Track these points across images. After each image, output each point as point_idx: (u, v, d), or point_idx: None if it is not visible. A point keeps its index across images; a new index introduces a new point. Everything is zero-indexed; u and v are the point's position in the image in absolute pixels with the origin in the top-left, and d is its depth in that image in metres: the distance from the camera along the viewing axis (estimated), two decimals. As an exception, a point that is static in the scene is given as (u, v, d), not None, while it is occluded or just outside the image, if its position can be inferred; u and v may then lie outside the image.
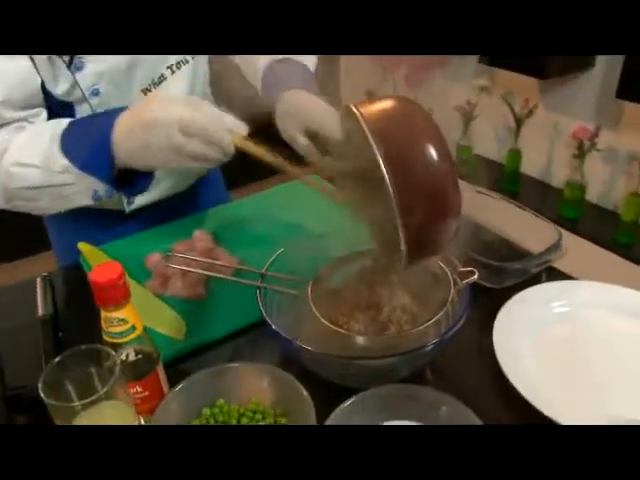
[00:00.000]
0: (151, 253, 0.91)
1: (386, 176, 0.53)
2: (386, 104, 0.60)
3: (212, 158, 0.70)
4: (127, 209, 1.02)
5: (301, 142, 0.77)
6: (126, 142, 0.71)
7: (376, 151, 0.53)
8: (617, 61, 1.76)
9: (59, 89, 0.85)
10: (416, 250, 0.58)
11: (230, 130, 0.70)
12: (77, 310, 0.86)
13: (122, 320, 0.56)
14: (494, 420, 0.57)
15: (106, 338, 0.57)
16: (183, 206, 1.11)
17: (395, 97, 0.61)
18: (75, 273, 0.93)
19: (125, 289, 0.56)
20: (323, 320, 0.68)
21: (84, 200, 0.79)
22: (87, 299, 0.82)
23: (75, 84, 0.85)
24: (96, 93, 0.88)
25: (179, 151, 0.68)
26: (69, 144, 0.75)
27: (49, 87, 0.84)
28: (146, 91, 0.94)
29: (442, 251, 0.64)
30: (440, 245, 0.61)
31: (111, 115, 0.73)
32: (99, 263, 0.58)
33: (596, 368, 0.73)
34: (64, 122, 0.78)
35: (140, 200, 1.02)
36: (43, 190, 0.78)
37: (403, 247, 0.56)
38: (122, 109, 0.74)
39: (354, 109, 0.58)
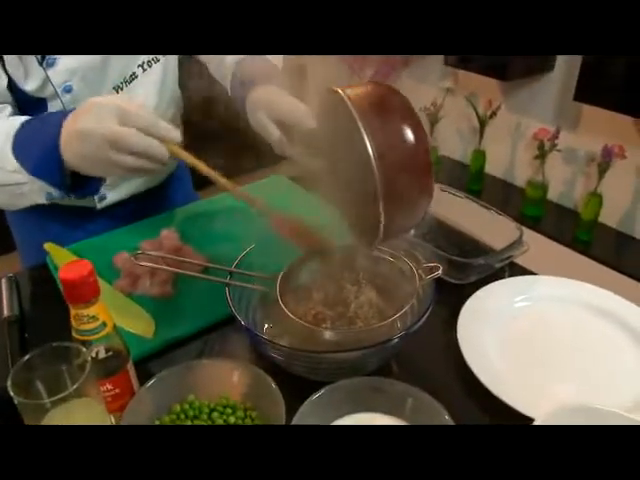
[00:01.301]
0: (119, 252, 0.91)
1: (369, 149, 0.55)
2: (368, 87, 0.62)
3: (148, 168, 0.69)
4: (98, 206, 1.01)
5: (274, 133, 0.77)
6: (66, 151, 0.70)
7: (360, 125, 0.55)
8: (575, 65, 1.82)
9: (30, 85, 0.84)
10: (392, 226, 0.60)
11: (164, 138, 0.69)
12: (43, 311, 0.86)
13: (92, 317, 0.56)
14: (459, 410, 0.59)
15: (76, 336, 0.57)
16: (152, 204, 1.11)
17: (376, 82, 0.63)
18: (41, 273, 0.93)
19: (95, 286, 0.56)
20: (292, 316, 0.69)
21: (39, 199, 0.78)
22: (53, 299, 0.82)
23: (47, 80, 0.85)
24: (68, 90, 0.87)
25: (113, 164, 0.68)
26: (20, 147, 0.74)
27: (19, 84, 0.83)
28: (118, 89, 0.94)
29: (413, 227, 0.66)
30: (414, 222, 0.64)
31: (58, 118, 0.71)
32: (65, 263, 0.58)
33: (555, 359, 0.75)
34: (18, 121, 0.76)
35: (111, 197, 1.02)
36: (2, 188, 0.77)
37: (382, 220, 0.57)
38: (69, 112, 0.72)
39: (339, 90, 0.60)
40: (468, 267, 0.87)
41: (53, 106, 0.89)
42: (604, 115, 1.78)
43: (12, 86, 0.84)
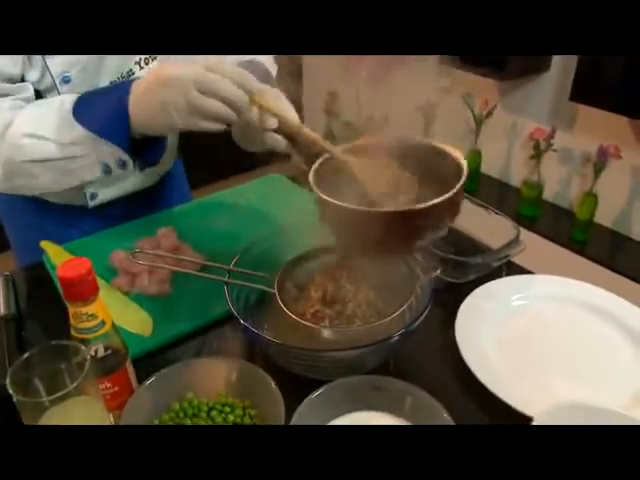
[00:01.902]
0: (115, 251, 0.90)
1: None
2: None
3: (227, 118, 0.69)
4: (90, 204, 1.01)
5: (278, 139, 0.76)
6: (144, 100, 0.71)
7: None
8: (570, 65, 1.82)
9: (30, 75, 0.84)
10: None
11: (248, 90, 0.69)
12: (40, 309, 0.85)
13: (91, 315, 0.56)
14: (457, 409, 0.59)
15: (75, 334, 0.57)
16: (146, 203, 1.11)
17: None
18: (37, 272, 0.92)
19: (94, 284, 0.56)
20: (291, 314, 0.69)
21: (89, 175, 0.79)
22: (50, 298, 0.82)
23: (46, 70, 0.84)
24: (67, 81, 0.87)
25: (194, 109, 0.68)
26: (83, 113, 0.75)
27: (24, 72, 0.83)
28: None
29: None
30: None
31: (125, 83, 0.74)
32: (63, 261, 0.57)
33: (552, 357, 0.76)
34: (73, 95, 0.77)
35: (103, 196, 1.02)
36: (50, 164, 0.77)
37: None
38: (134, 80, 0.74)
39: None
40: (465, 266, 0.87)
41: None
42: (600, 115, 1.79)
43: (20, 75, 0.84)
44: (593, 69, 1.73)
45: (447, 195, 0.62)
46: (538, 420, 0.55)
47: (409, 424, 0.61)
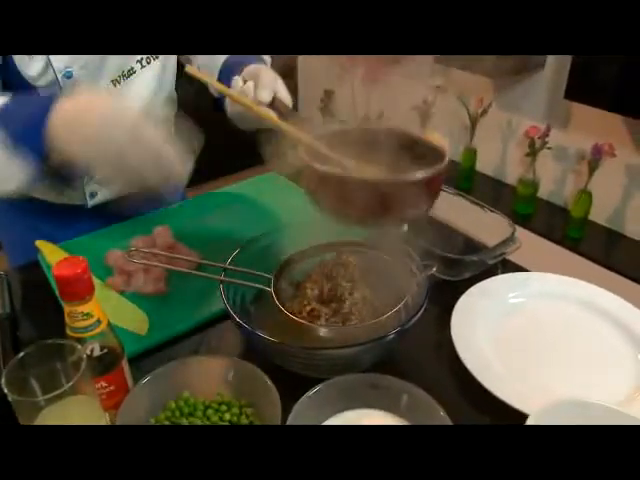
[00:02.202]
0: (111, 250, 0.90)
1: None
2: None
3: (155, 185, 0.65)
4: (89, 204, 1.01)
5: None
6: (69, 128, 0.64)
7: None
8: (565, 63, 1.83)
9: (31, 70, 0.83)
10: None
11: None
12: (35, 309, 0.85)
13: (87, 314, 0.56)
14: (453, 406, 0.59)
15: (70, 333, 0.57)
16: (141, 203, 1.10)
17: None
18: (32, 271, 0.92)
19: (90, 283, 0.56)
20: (287, 312, 0.69)
21: (11, 184, 0.70)
22: (45, 297, 0.82)
23: (48, 64, 0.84)
24: (69, 76, 0.86)
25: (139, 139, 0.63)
26: (5, 115, 0.68)
27: (21, 68, 0.82)
28: (115, 82, 0.93)
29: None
30: None
31: (50, 98, 0.66)
32: (58, 260, 0.57)
33: (548, 354, 0.76)
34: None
35: (102, 195, 1.02)
36: None
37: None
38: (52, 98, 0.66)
39: None
40: (461, 264, 0.87)
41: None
42: (594, 113, 1.79)
43: (9, 70, 0.82)
44: (588, 67, 1.74)
45: (422, 174, 0.64)
46: (533, 417, 0.55)
47: (405, 422, 0.61)
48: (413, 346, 0.75)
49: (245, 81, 0.78)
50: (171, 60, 1.03)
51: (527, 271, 0.92)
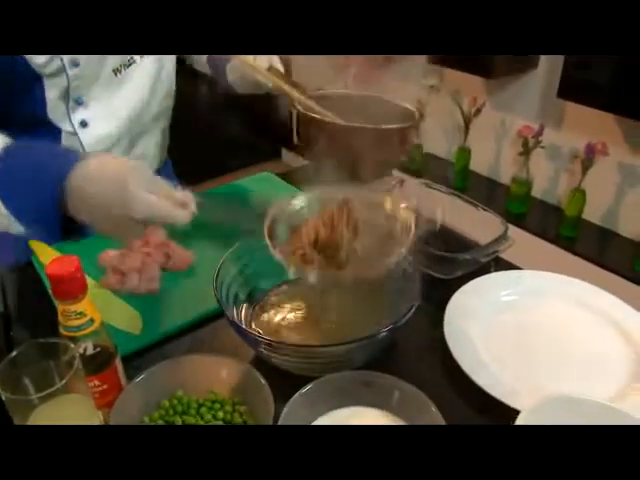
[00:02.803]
0: (104, 250, 0.90)
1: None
2: None
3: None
4: None
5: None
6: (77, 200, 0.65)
7: None
8: (558, 63, 1.83)
9: (40, 58, 0.81)
10: None
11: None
12: (28, 308, 0.85)
13: (80, 313, 0.56)
14: (446, 403, 0.60)
15: (63, 332, 0.57)
16: None
17: None
18: (26, 271, 0.92)
19: (83, 282, 0.56)
20: (276, 252, 0.67)
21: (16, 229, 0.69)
22: (38, 297, 0.82)
23: None
24: (76, 64, 0.85)
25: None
26: (7, 190, 0.65)
27: (28, 56, 0.80)
28: (117, 72, 0.93)
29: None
30: None
31: (65, 162, 0.65)
32: (52, 259, 0.57)
33: (540, 351, 0.76)
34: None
35: None
36: None
37: None
38: (71, 157, 0.65)
39: None
40: (454, 262, 0.88)
41: (51, 84, 0.85)
42: (587, 112, 1.80)
43: (16, 59, 0.80)
44: (581, 67, 1.75)
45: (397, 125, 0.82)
46: (525, 414, 0.55)
47: (397, 418, 0.61)
48: (406, 344, 0.76)
49: None
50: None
51: (520, 269, 0.93)
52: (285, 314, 0.78)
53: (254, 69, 0.91)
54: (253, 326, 0.76)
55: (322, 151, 0.76)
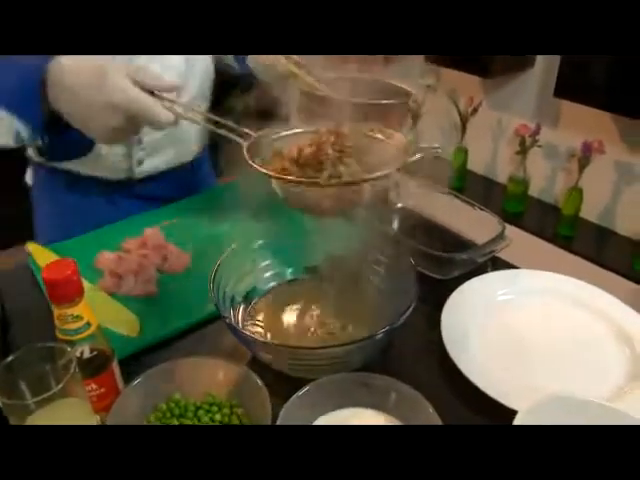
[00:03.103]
0: (100, 252, 0.90)
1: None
2: None
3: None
4: (136, 172, 1.04)
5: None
6: (71, 97, 0.66)
7: None
8: (554, 62, 1.84)
9: None
10: None
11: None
12: (25, 312, 0.85)
13: (77, 317, 0.56)
14: (443, 403, 0.60)
15: (60, 336, 0.57)
16: (178, 185, 1.13)
17: None
18: (21, 274, 0.92)
19: (79, 285, 0.56)
20: (255, 165, 0.64)
21: (4, 140, 0.73)
22: (35, 300, 0.82)
23: None
24: None
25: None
26: None
27: None
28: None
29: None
30: None
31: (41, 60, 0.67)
32: (48, 263, 0.57)
33: (538, 351, 0.76)
34: None
35: (151, 163, 1.05)
36: None
37: None
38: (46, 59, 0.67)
39: None
40: (451, 262, 0.88)
41: None
42: (584, 111, 1.81)
43: None
44: (577, 66, 1.75)
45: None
46: (522, 414, 0.56)
47: (395, 419, 0.61)
48: (404, 345, 0.76)
49: None
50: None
51: (517, 268, 0.93)
52: (282, 315, 0.78)
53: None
54: (250, 328, 0.76)
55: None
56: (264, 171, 0.63)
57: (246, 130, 0.70)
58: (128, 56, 0.91)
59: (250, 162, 0.64)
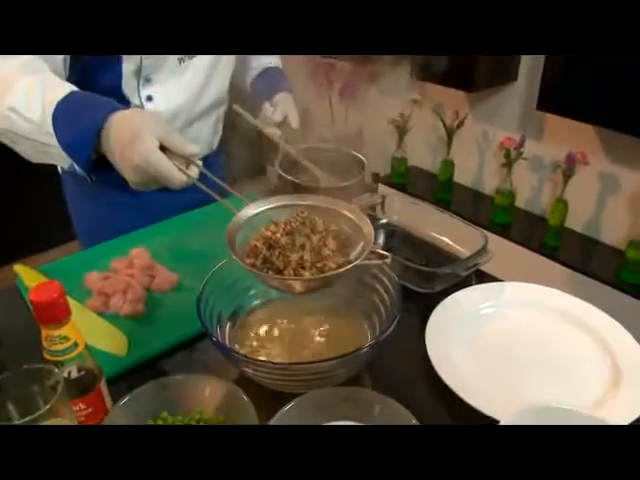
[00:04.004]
0: (89, 272, 0.91)
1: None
2: None
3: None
4: (146, 108, 1.07)
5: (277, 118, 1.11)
6: (113, 151, 0.76)
7: None
8: (537, 75, 1.87)
9: None
10: None
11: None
12: (14, 332, 0.85)
13: (64, 338, 0.57)
14: (429, 416, 0.61)
15: (47, 357, 0.58)
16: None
17: None
18: (10, 295, 0.92)
19: (66, 307, 0.57)
20: (236, 258, 0.69)
21: (63, 163, 0.85)
22: (24, 321, 0.82)
23: None
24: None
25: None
26: (60, 117, 0.78)
27: None
28: (181, 61, 1.04)
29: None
30: None
31: (107, 106, 0.78)
32: (35, 285, 0.58)
33: (521, 363, 0.78)
34: (66, 89, 0.80)
35: (159, 101, 1.07)
36: (30, 142, 0.82)
37: None
38: (113, 107, 0.78)
39: None
40: (435, 276, 0.89)
41: (129, 62, 0.97)
42: (567, 123, 1.83)
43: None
44: (558, 78, 1.78)
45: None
46: (505, 424, 0.57)
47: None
48: (389, 359, 0.77)
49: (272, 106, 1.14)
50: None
51: (501, 281, 0.94)
52: (268, 332, 0.79)
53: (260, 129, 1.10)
54: (236, 345, 0.77)
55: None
56: (239, 262, 0.69)
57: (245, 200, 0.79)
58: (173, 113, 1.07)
59: (230, 250, 0.70)
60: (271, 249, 0.70)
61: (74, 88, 0.81)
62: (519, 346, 0.81)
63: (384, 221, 1.10)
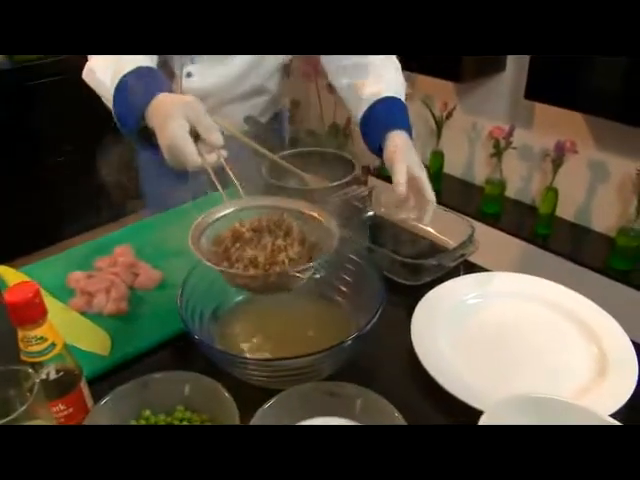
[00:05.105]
0: (72, 272, 0.90)
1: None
2: None
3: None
4: (183, 86, 1.15)
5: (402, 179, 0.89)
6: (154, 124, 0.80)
7: None
8: (524, 65, 1.86)
9: None
10: None
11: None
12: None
13: (41, 338, 0.56)
14: (414, 408, 0.61)
15: (24, 358, 0.57)
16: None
17: None
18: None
19: (42, 307, 0.56)
20: (201, 257, 0.68)
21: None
22: (5, 323, 0.81)
23: None
24: None
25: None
26: (120, 93, 0.86)
27: None
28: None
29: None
30: None
31: (158, 85, 0.84)
32: (10, 286, 0.57)
33: (507, 353, 0.78)
34: (135, 63, 0.87)
35: (197, 79, 1.16)
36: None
37: None
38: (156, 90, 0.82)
39: None
40: (421, 268, 0.89)
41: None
42: (555, 112, 1.83)
43: None
44: (546, 67, 1.78)
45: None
46: (488, 413, 0.56)
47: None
48: (375, 352, 0.76)
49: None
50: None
51: (488, 271, 0.94)
52: (251, 329, 0.79)
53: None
54: (218, 342, 0.76)
55: None
56: (206, 262, 0.68)
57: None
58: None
59: (192, 248, 0.70)
60: (236, 242, 0.71)
61: (143, 64, 0.87)
62: (505, 336, 0.80)
63: (371, 213, 1.09)
